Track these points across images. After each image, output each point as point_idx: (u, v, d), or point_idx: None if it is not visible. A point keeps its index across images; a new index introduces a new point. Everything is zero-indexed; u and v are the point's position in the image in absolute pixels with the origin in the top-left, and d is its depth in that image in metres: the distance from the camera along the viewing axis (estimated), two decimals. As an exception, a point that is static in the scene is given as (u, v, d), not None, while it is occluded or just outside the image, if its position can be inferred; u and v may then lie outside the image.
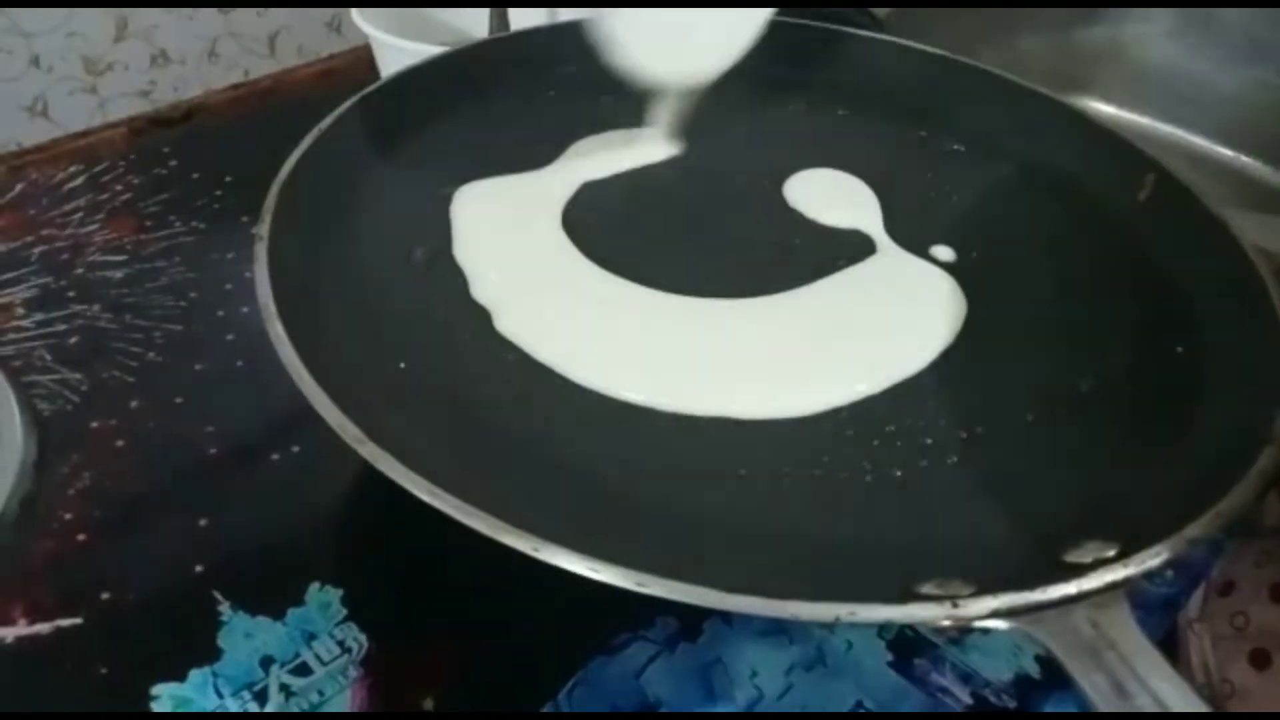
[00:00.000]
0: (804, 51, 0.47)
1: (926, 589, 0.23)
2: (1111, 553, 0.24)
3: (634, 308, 0.33)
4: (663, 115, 0.41)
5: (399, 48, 0.49)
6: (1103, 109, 0.60)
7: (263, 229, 0.32)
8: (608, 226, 0.37)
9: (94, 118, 0.60)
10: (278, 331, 0.28)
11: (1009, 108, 0.44)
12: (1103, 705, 0.21)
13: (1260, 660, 0.32)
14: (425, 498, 0.24)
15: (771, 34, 0.47)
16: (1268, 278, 0.33)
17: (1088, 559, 0.24)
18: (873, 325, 0.34)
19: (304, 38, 0.65)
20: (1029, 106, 0.43)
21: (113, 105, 0.61)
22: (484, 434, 0.29)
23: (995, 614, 0.22)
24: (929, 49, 0.47)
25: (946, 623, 0.23)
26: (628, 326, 0.32)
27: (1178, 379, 0.32)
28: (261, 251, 0.31)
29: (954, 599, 0.23)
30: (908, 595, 0.23)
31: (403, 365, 0.31)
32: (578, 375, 0.31)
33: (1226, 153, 0.59)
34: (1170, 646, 0.32)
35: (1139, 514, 0.27)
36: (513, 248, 0.35)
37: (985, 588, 0.23)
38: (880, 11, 0.62)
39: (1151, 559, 0.24)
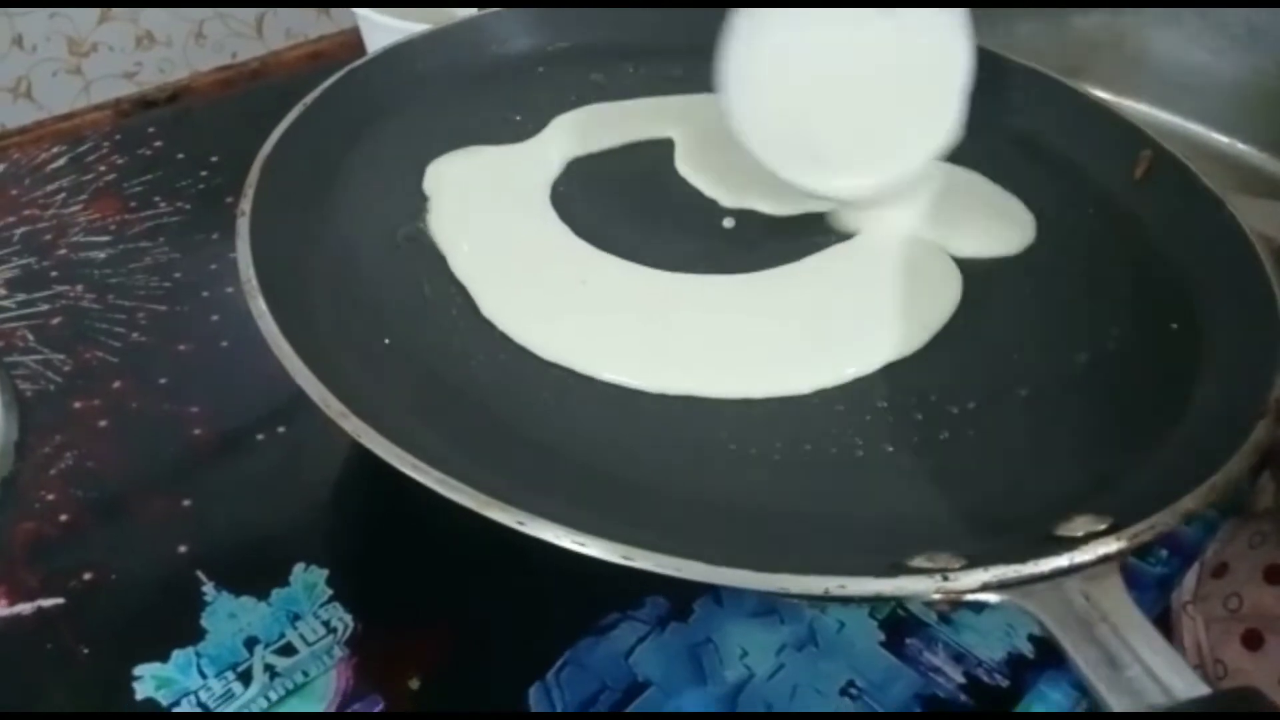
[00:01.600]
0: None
1: (917, 563, 0.23)
2: (1103, 526, 0.24)
3: (617, 285, 0.32)
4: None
5: (388, 27, 0.48)
6: (1100, 95, 0.60)
7: (245, 204, 0.31)
8: (593, 203, 0.37)
9: (78, 99, 0.59)
10: (260, 307, 0.28)
11: (1003, 85, 0.43)
12: (1094, 678, 0.21)
13: (1253, 641, 0.32)
14: (409, 471, 0.24)
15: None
16: (1263, 254, 0.33)
17: (1079, 532, 0.24)
18: (866, 303, 0.33)
19: (292, 20, 0.64)
20: (1023, 83, 0.43)
21: (98, 87, 0.60)
22: (470, 411, 0.29)
23: (986, 587, 0.22)
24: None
25: (937, 596, 0.22)
26: (611, 305, 0.32)
27: (1173, 355, 0.31)
28: (244, 227, 0.30)
29: (944, 572, 0.22)
30: (898, 569, 0.23)
31: (388, 341, 0.30)
32: (559, 358, 0.30)
33: (1223, 140, 0.59)
34: (1164, 627, 0.32)
35: (1132, 488, 0.27)
36: (492, 224, 0.34)
37: (976, 561, 0.23)
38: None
39: (1144, 532, 0.23)
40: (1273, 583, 0.33)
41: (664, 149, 0.40)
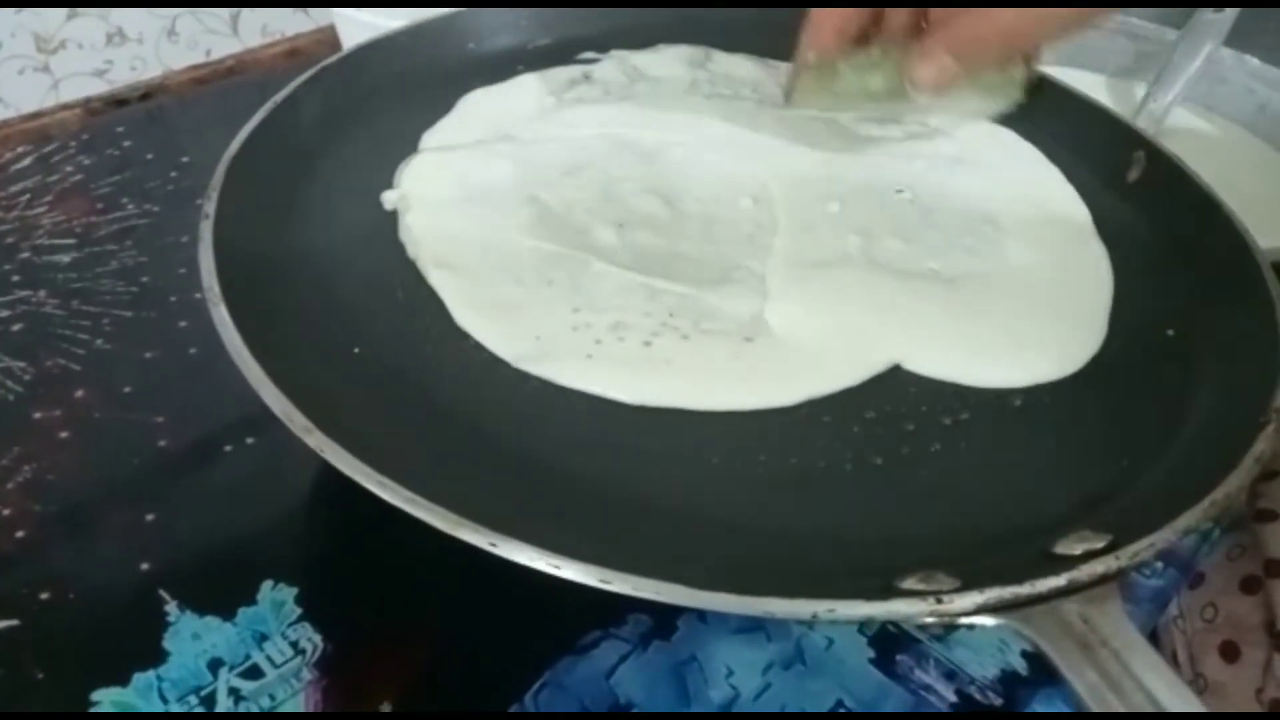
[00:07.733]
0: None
1: (909, 583, 0.22)
2: (1102, 544, 0.23)
3: (596, 291, 0.31)
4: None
5: (365, 24, 0.47)
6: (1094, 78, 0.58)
7: (209, 206, 0.30)
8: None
9: (47, 98, 0.58)
10: (222, 315, 0.27)
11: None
12: (1095, 704, 0.20)
13: (1230, 653, 0.31)
14: (376, 490, 0.23)
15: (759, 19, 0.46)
16: (1260, 257, 0.32)
17: (1077, 550, 0.23)
18: (854, 310, 0.32)
19: (268, 16, 0.63)
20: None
21: (67, 85, 0.58)
22: (442, 423, 0.28)
23: (981, 609, 0.21)
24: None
25: (930, 619, 0.21)
26: (589, 313, 0.30)
27: (1170, 362, 0.31)
28: (207, 230, 0.29)
29: (938, 594, 0.21)
30: (890, 590, 0.22)
31: (357, 350, 0.29)
32: (535, 368, 0.29)
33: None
34: (1153, 641, 0.31)
35: (1131, 502, 0.26)
36: (465, 227, 0.33)
37: (970, 581, 0.22)
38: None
39: (1143, 550, 0.23)
40: (1249, 592, 0.32)
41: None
